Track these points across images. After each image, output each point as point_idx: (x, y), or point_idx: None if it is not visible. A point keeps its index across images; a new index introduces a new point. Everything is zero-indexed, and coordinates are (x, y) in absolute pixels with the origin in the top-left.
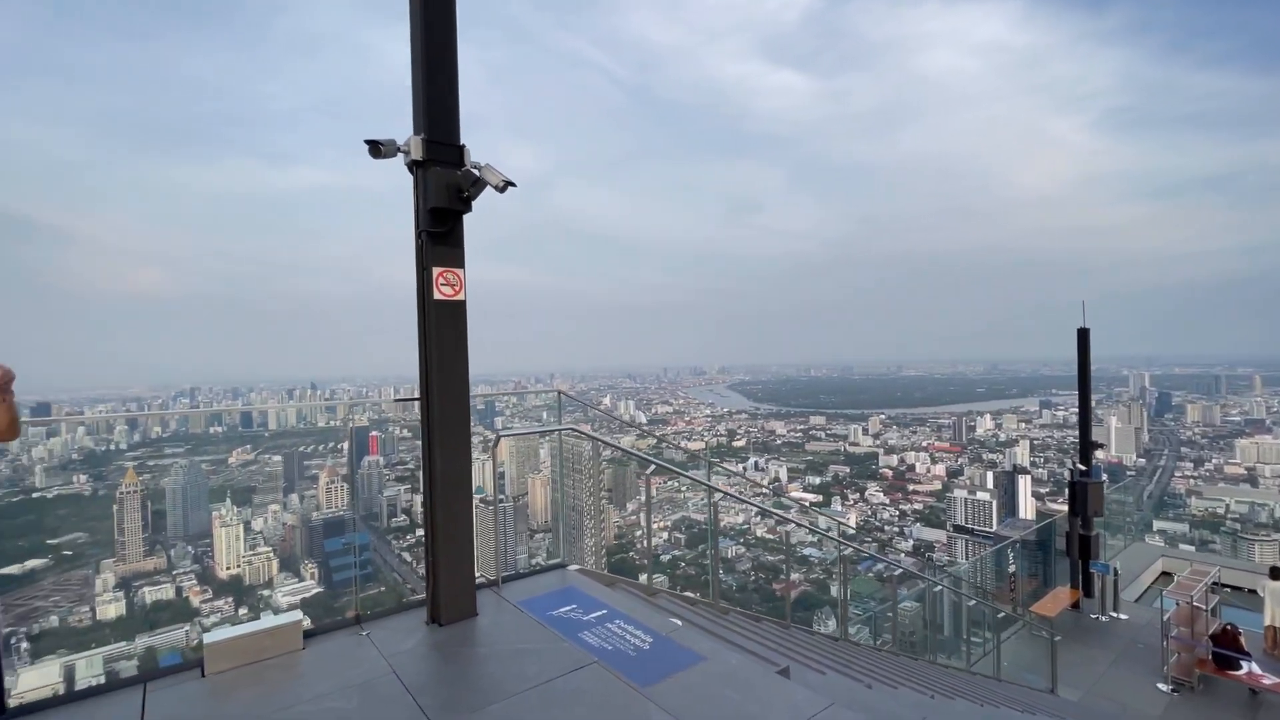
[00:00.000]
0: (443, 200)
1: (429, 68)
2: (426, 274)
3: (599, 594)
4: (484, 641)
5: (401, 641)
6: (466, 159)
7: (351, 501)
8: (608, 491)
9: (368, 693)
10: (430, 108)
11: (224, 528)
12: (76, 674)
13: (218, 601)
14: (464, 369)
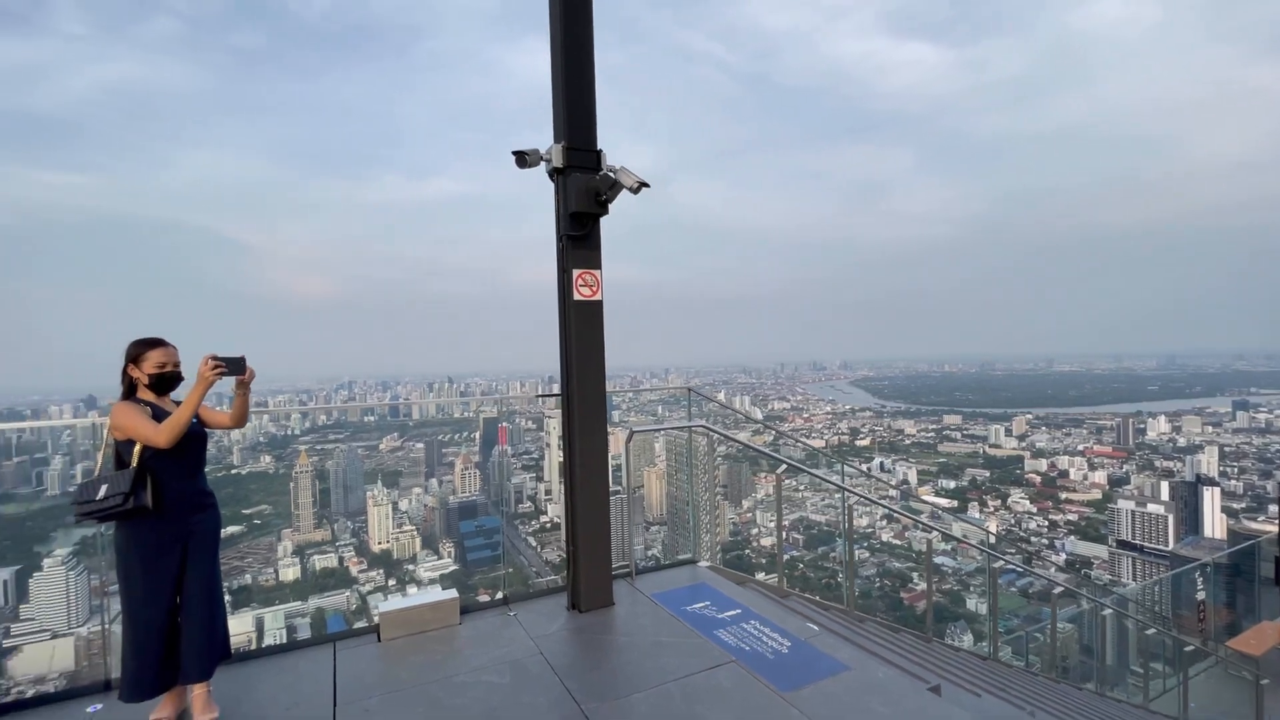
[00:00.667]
0: (582, 204)
1: (568, 77)
2: (566, 276)
3: (731, 592)
4: (622, 631)
5: (546, 625)
6: (603, 163)
7: (483, 487)
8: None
9: (519, 671)
10: (570, 115)
11: (376, 507)
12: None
13: (371, 572)
14: (601, 366)
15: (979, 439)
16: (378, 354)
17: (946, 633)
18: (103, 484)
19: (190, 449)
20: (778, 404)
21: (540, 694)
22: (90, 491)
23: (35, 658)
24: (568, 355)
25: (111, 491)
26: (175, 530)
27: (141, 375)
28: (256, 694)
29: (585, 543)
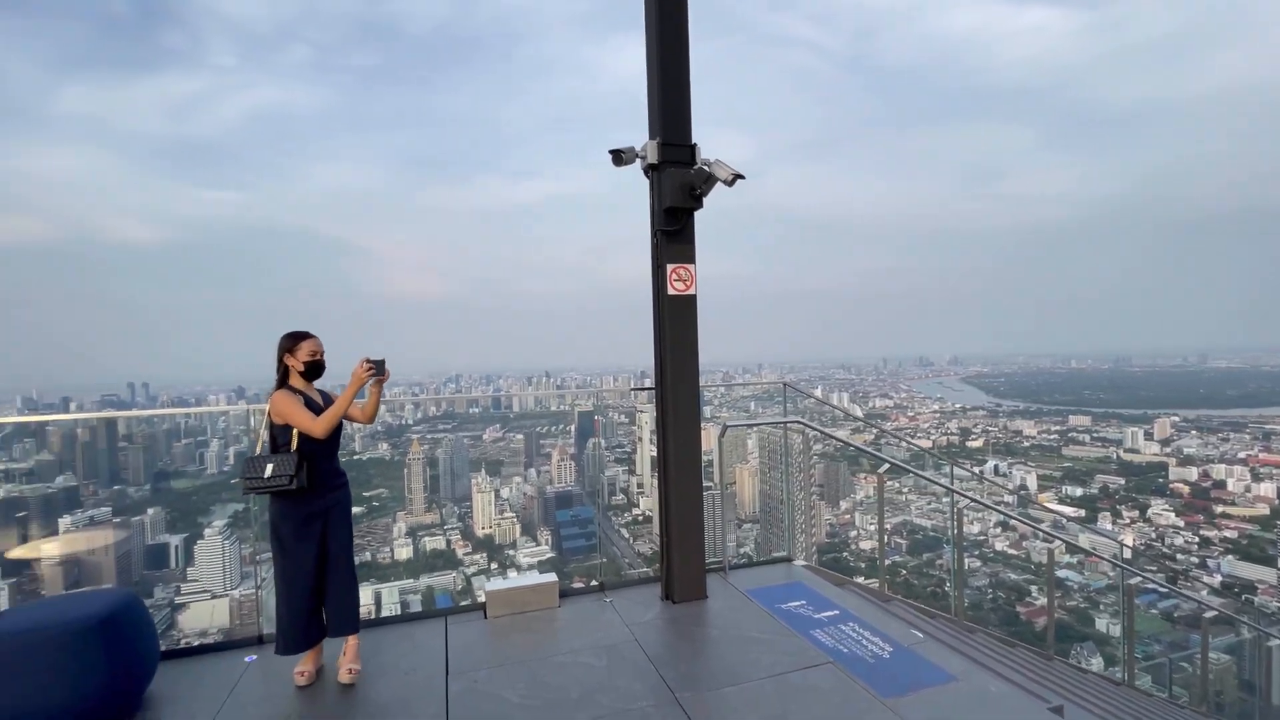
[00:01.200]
0: (677, 199)
1: (664, 73)
2: (660, 271)
3: (829, 593)
4: (716, 624)
5: (640, 613)
6: (697, 157)
7: (578, 478)
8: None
9: (614, 655)
10: (665, 111)
11: (480, 494)
12: (381, 600)
13: (475, 555)
14: (695, 361)
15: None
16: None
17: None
18: (267, 463)
19: (332, 435)
20: (879, 401)
21: (635, 679)
22: (257, 468)
23: (199, 614)
24: (661, 350)
25: (277, 472)
26: (320, 505)
27: (296, 363)
28: (380, 657)
29: (678, 535)
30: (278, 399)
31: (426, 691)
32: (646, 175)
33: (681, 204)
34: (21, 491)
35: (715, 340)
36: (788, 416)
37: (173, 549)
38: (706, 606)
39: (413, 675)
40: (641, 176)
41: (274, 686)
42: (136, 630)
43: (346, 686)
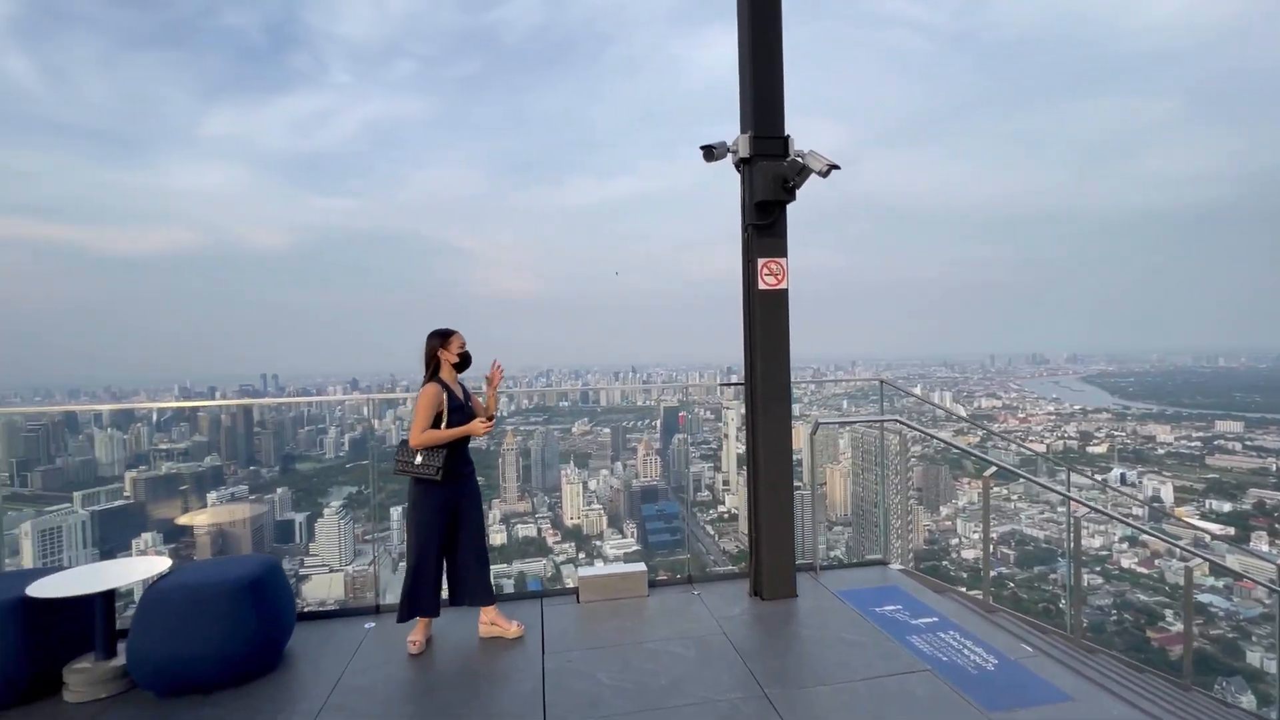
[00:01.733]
0: (769, 192)
1: (756, 66)
2: (752, 265)
3: (927, 599)
4: (806, 623)
5: (728, 607)
6: (790, 149)
7: (663, 473)
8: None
9: (702, 646)
10: (758, 104)
11: (569, 485)
12: None
13: (564, 544)
14: (786, 356)
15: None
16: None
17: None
18: (418, 452)
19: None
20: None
21: (723, 671)
22: (409, 454)
23: (318, 586)
24: (751, 345)
25: (427, 462)
26: (452, 491)
27: (450, 356)
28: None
29: (768, 532)
30: (423, 395)
31: (524, 666)
32: (738, 169)
33: (773, 197)
34: (179, 469)
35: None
36: (884, 415)
37: (297, 525)
38: (796, 605)
39: (510, 652)
40: (731, 170)
41: (390, 651)
42: (279, 593)
43: (452, 655)
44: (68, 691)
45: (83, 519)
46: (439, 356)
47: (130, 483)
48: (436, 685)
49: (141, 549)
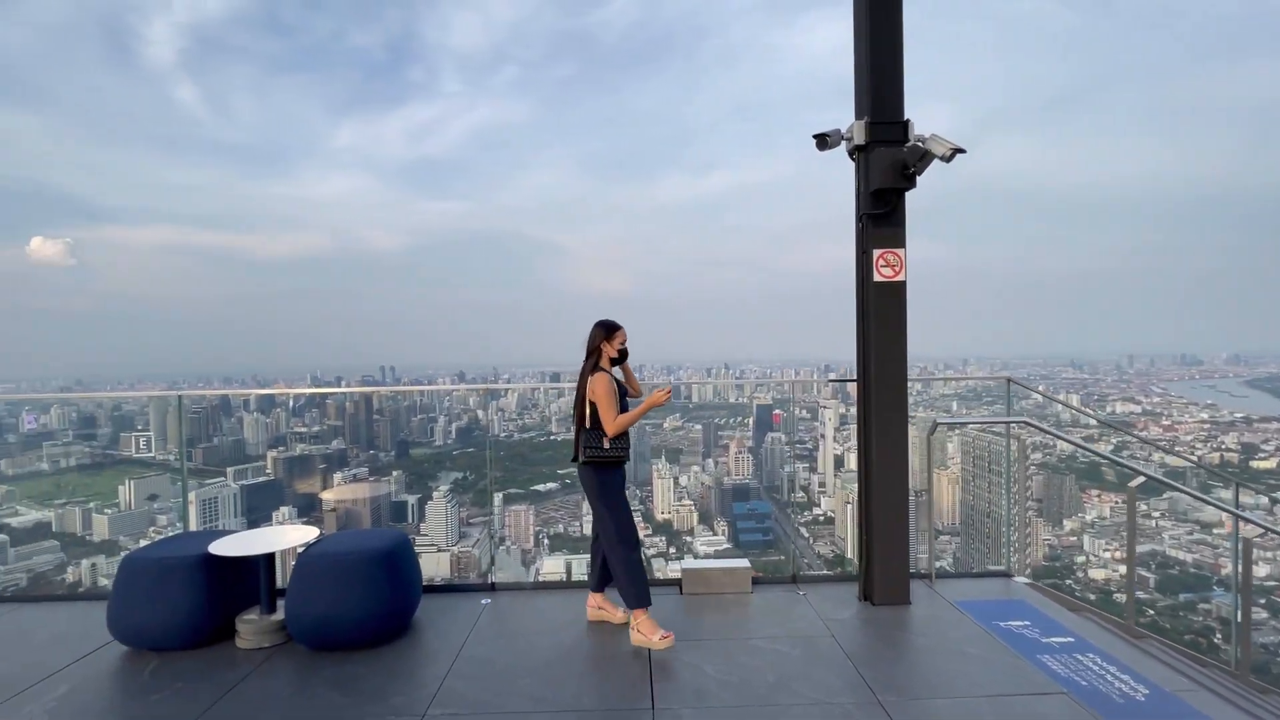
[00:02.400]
0: (887, 180)
1: (874, 49)
2: (867, 257)
3: (1060, 617)
4: (921, 631)
5: (836, 610)
6: (910, 134)
7: (755, 472)
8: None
9: (810, 647)
10: (875, 89)
11: (659, 480)
12: (571, 569)
13: (655, 538)
14: (903, 352)
15: None
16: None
17: None
18: (602, 438)
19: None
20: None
21: (832, 674)
22: (595, 440)
23: (427, 565)
24: (865, 340)
25: (615, 445)
26: (624, 470)
27: (611, 350)
28: (585, 619)
29: (880, 534)
30: (600, 383)
31: (633, 651)
32: (851, 158)
33: (892, 185)
34: (310, 450)
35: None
36: (1012, 416)
37: (410, 506)
38: (909, 613)
39: (619, 635)
40: (835, 160)
41: (505, 626)
42: (409, 565)
43: (562, 636)
44: (239, 639)
45: (234, 491)
46: (601, 348)
47: (271, 461)
48: (550, 663)
49: (280, 520)
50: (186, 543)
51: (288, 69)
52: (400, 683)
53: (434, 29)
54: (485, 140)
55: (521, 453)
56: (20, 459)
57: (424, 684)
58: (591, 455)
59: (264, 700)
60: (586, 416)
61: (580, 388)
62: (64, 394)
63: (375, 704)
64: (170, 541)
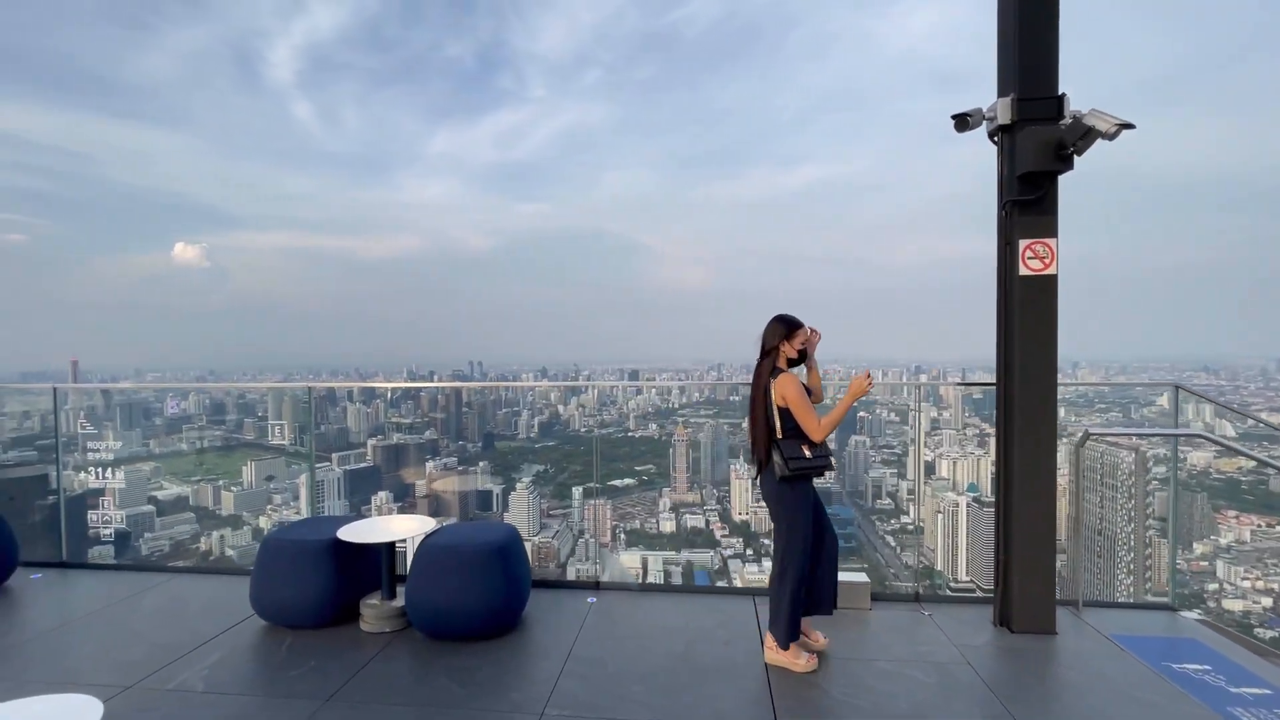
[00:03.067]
0: (1038, 162)
1: (1024, 17)
2: (1011, 248)
3: (1250, 663)
4: (1074, 667)
5: (968, 635)
6: (1065, 109)
7: (837, 476)
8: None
9: (945, 675)
10: (1024, 61)
11: (737, 480)
12: (648, 565)
13: (731, 539)
14: (1053, 353)
15: None
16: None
17: None
18: (801, 446)
19: None
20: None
21: (975, 707)
22: (794, 450)
23: None
24: (1008, 340)
25: (816, 454)
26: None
27: (790, 350)
28: (698, 623)
29: (1021, 555)
30: (790, 384)
31: (746, 664)
32: (992, 140)
33: (1045, 167)
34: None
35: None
36: (1179, 428)
37: (494, 496)
38: (1056, 644)
39: (732, 646)
40: (926, 150)
41: (613, 627)
42: (520, 559)
43: (674, 641)
44: (363, 621)
45: (338, 476)
46: (780, 347)
47: (371, 449)
48: (663, 670)
49: (379, 504)
50: (318, 527)
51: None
52: (515, 679)
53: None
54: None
55: (600, 449)
56: (165, 439)
57: (538, 682)
58: (798, 468)
59: (388, 685)
60: (776, 424)
61: (758, 392)
62: (199, 383)
63: (493, 698)
64: (303, 525)
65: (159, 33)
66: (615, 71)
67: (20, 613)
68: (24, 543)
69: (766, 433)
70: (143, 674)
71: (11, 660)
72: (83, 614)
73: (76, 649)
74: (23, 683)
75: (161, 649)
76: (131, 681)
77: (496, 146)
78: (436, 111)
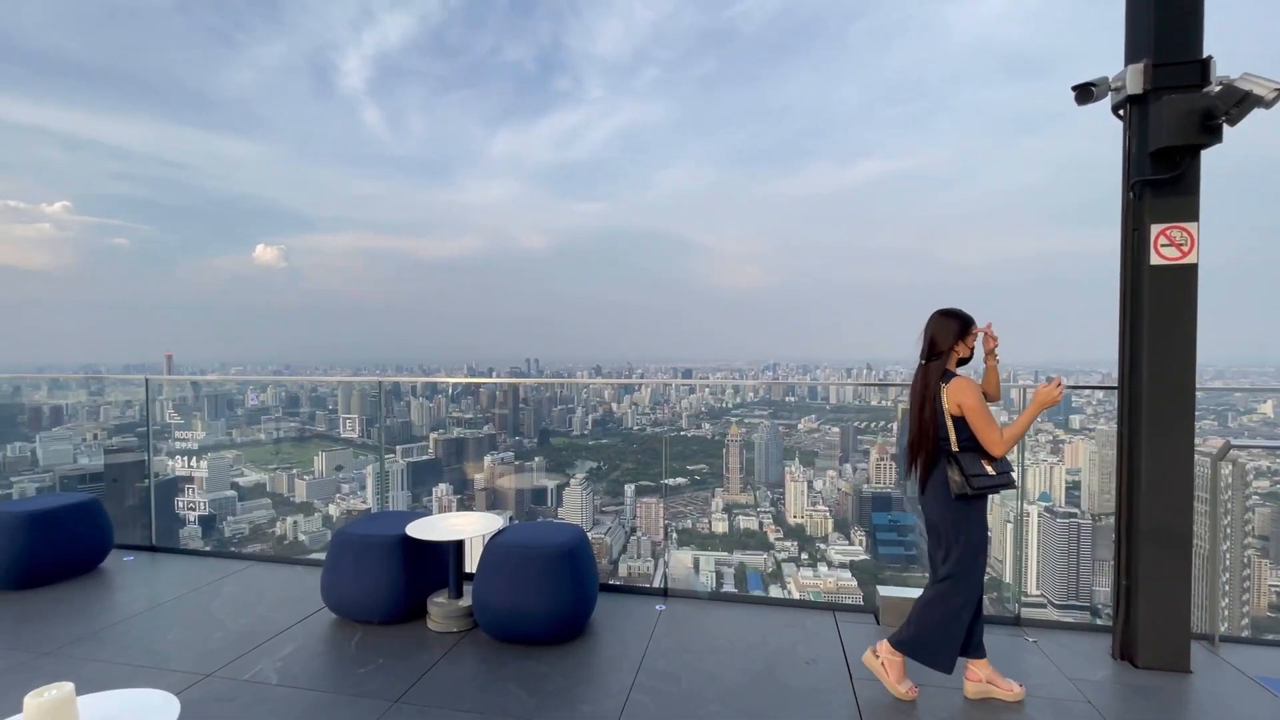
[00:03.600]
0: (1178, 135)
1: None
2: (1139, 235)
3: None
4: (1216, 713)
5: (1085, 668)
6: (1211, 74)
7: (899, 481)
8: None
9: (1063, 713)
10: (1161, 22)
11: (792, 482)
12: (700, 565)
13: (785, 541)
14: (1191, 354)
15: None
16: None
17: None
18: (982, 461)
19: None
20: None
21: None
22: (976, 466)
23: None
24: (1135, 338)
25: (1000, 469)
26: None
27: (964, 350)
28: (776, 638)
29: (1148, 583)
30: (969, 391)
31: (832, 686)
32: (1117, 114)
33: (1186, 140)
34: (465, 434)
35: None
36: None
37: (549, 491)
38: (1190, 684)
39: (815, 667)
40: (1000, 141)
41: (684, 638)
42: (588, 563)
43: (749, 658)
44: (430, 620)
45: (402, 467)
46: (954, 348)
47: (433, 442)
48: (741, 689)
49: (439, 496)
50: (386, 522)
51: (452, 87)
52: (586, 689)
53: (579, 38)
54: (626, 141)
55: (653, 447)
56: (246, 429)
57: (609, 694)
58: (982, 485)
59: (457, 689)
60: (951, 435)
61: (924, 398)
62: (276, 377)
63: (564, 709)
64: (371, 520)
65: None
66: (673, 69)
67: (113, 595)
68: (121, 525)
69: (936, 445)
70: (221, 663)
71: (105, 643)
72: (169, 598)
73: (161, 634)
74: (113, 665)
75: (239, 637)
76: (211, 670)
77: (554, 147)
78: (497, 114)
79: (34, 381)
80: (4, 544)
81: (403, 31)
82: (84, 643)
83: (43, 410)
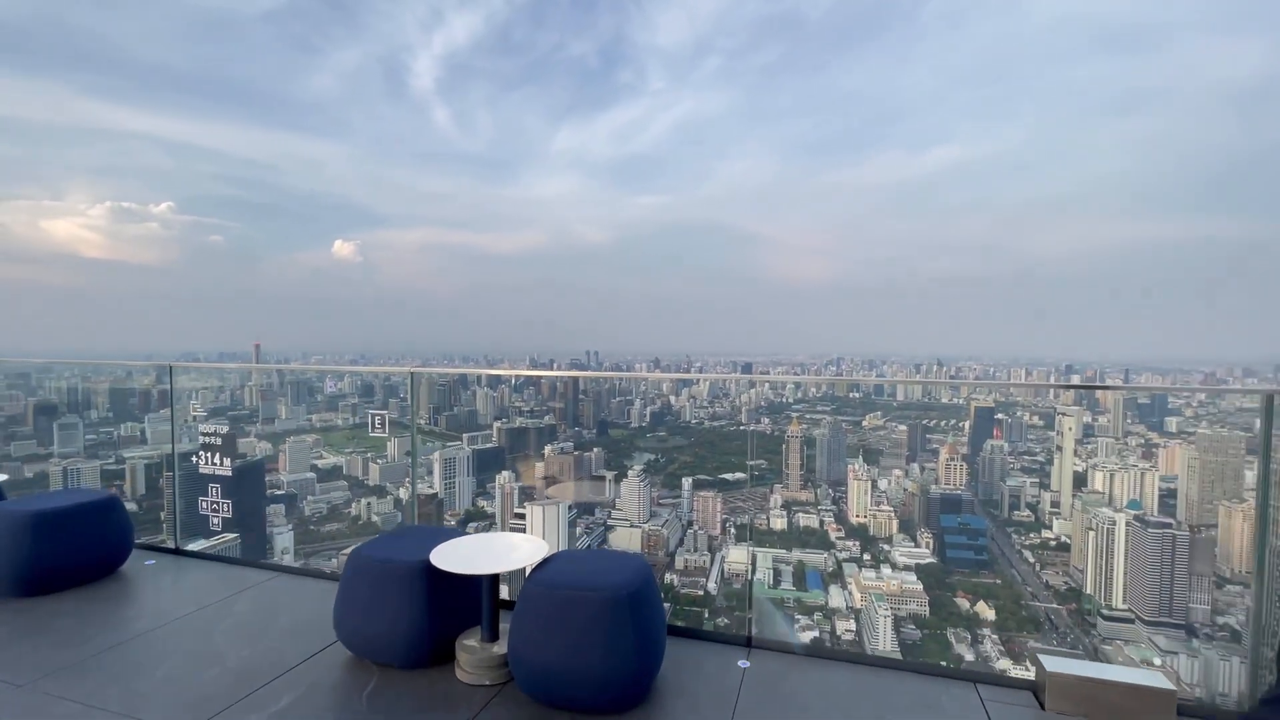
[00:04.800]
0: None
1: None
2: None
3: None
4: None
5: None
6: None
7: (969, 483)
8: None
9: None
10: None
11: (856, 481)
12: (756, 561)
13: (848, 541)
14: None
15: None
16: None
17: None
18: None
19: None
20: None
21: None
22: None
23: (620, 536)
24: None
25: None
26: None
27: None
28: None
29: None
30: None
31: None
32: None
33: None
34: (527, 423)
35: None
36: None
37: (607, 482)
38: None
39: None
40: (1085, 122)
41: (782, 708)
42: (655, 610)
43: None
44: (458, 669)
45: (467, 454)
46: None
47: (496, 431)
48: None
49: (501, 483)
50: (410, 542)
51: (517, 84)
52: None
53: (642, 30)
54: (686, 133)
55: (712, 440)
56: (325, 415)
57: None
58: None
59: None
60: None
61: None
62: (352, 366)
63: None
64: (396, 539)
65: (324, 54)
66: (735, 58)
67: (117, 610)
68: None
69: None
70: (211, 711)
71: (86, 676)
72: (175, 616)
73: (150, 669)
74: (87, 709)
75: (235, 677)
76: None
77: (614, 141)
78: (560, 109)
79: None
80: (9, 547)
81: (470, 31)
82: (63, 674)
83: (151, 394)
